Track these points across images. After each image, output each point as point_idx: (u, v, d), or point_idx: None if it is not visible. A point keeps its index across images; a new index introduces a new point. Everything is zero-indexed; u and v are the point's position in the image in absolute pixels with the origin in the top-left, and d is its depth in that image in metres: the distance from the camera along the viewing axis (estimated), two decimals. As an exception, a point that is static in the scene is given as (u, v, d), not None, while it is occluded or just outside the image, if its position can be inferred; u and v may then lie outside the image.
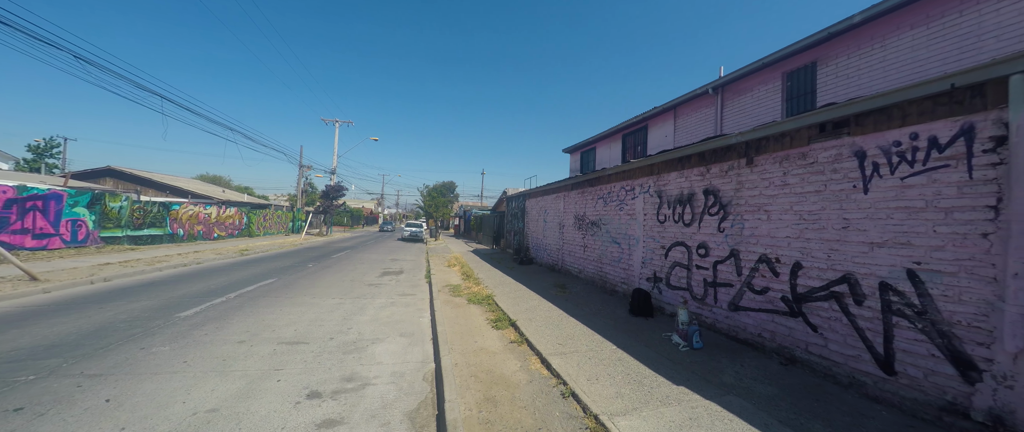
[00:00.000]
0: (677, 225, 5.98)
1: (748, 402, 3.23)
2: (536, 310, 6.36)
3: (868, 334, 3.40)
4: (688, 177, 5.79)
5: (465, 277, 10.04)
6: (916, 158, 3.16)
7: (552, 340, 4.78)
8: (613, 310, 6.36)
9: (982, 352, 2.73)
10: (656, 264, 6.44)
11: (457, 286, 8.75)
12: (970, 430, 2.74)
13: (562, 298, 7.33)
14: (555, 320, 5.69)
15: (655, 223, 6.54)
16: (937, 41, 5.76)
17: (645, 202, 6.87)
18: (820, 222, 3.86)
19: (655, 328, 5.32)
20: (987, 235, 2.74)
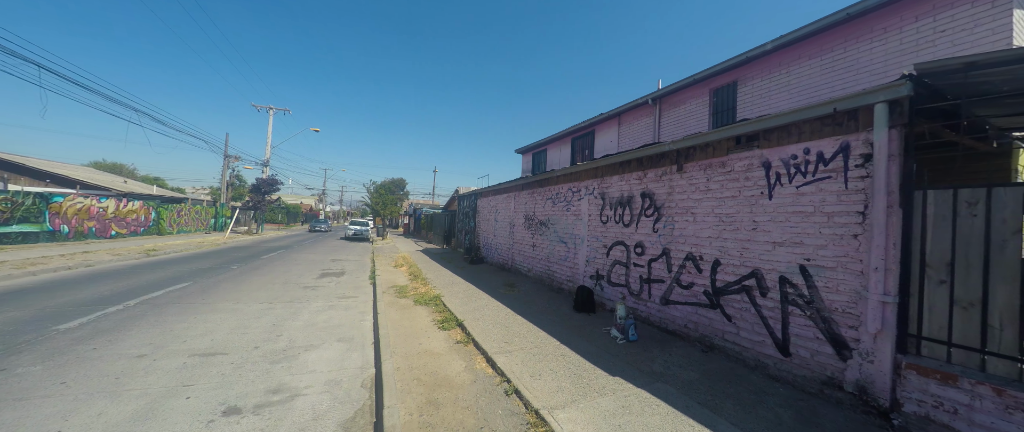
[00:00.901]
0: (618, 225, 6.35)
1: (673, 387, 3.54)
2: (484, 309, 6.36)
3: (770, 322, 3.90)
4: (628, 181, 6.18)
5: (413, 277, 9.74)
6: (808, 170, 3.69)
7: (498, 339, 4.81)
8: (558, 307, 6.58)
9: (852, 333, 3.27)
10: (599, 262, 6.78)
11: (404, 287, 8.46)
12: (844, 400, 3.27)
13: (511, 297, 7.41)
14: (502, 319, 5.74)
15: (598, 223, 6.89)
16: (828, 71, 6.79)
17: (590, 203, 7.20)
18: (735, 224, 4.35)
19: (596, 323, 5.61)
20: (857, 236, 3.29)
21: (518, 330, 5.20)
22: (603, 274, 6.65)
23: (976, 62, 2.68)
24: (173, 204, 22.50)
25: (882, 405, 3.03)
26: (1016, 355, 2.55)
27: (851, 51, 6.48)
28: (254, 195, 25.45)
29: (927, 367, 2.83)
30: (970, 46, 5.07)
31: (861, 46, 6.34)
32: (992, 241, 2.67)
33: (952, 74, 2.87)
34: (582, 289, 6.40)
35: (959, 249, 2.81)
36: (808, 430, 2.91)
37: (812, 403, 3.33)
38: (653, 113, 10.79)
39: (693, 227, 4.89)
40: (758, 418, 3.06)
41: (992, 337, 2.65)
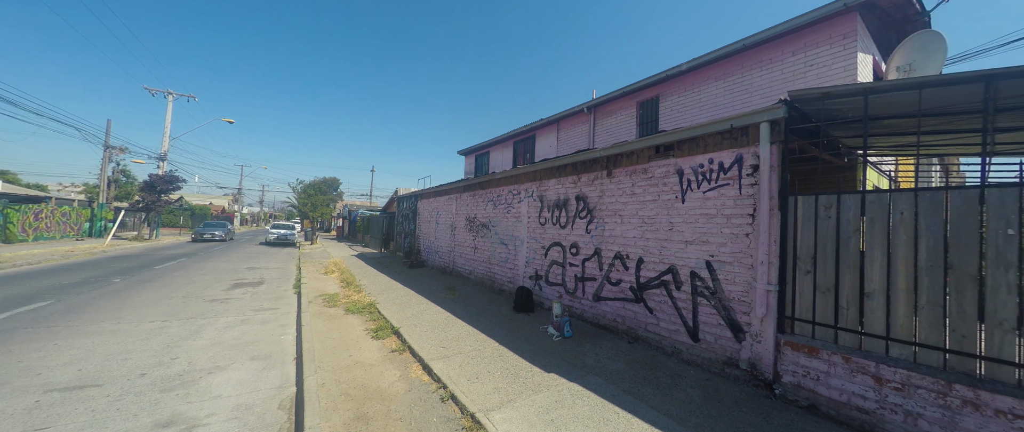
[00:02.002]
0: (555, 227, 6.62)
1: (602, 378, 3.78)
2: (422, 315, 6.17)
3: (683, 312, 4.38)
4: (564, 184, 6.48)
5: (345, 284, 9.09)
6: (712, 177, 4.22)
7: (436, 344, 4.70)
8: (499, 308, 6.63)
9: (745, 318, 3.81)
10: (537, 263, 7.00)
11: (334, 295, 7.85)
12: (740, 377, 3.79)
13: (451, 300, 7.29)
14: (441, 323, 5.62)
15: (537, 225, 7.10)
16: (730, 92, 7.85)
17: (529, 206, 7.40)
18: (655, 224, 4.80)
19: (534, 322, 5.77)
20: (748, 235, 3.84)
21: (457, 334, 5.13)
22: (542, 274, 6.87)
23: (830, 93, 3.31)
24: (29, 205, 18.13)
25: (767, 378, 3.57)
26: (857, 329, 3.19)
27: (747, 76, 7.58)
28: (146, 194, 21.52)
29: (797, 343, 3.40)
30: (829, 79, 6.25)
31: (754, 72, 7.44)
32: (841, 237, 3.32)
33: (814, 101, 3.51)
34: (521, 290, 6.54)
35: (819, 244, 3.44)
36: (712, 406, 3.31)
37: (716, 382, 3.80)
38: (588, 121, 11.46)
39: (621, 228, 5.29)
40: (673, 399, 3.40)
41: (842, 315, 3.28)
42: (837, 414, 3.11)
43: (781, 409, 3.27)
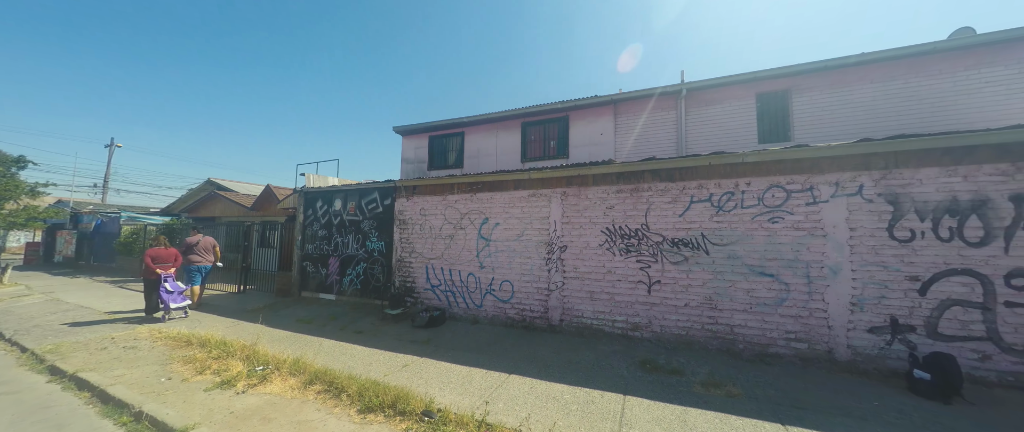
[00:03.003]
0: (945, 244, 4.12)
1: None
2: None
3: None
4: (970, 175, 4.12)
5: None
6: None
7: None
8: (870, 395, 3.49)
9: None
10: (897, 303, 4.25)
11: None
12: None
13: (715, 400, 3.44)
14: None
15: (888, 241, 4.36)
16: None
17: (852, 208, 4.54)
18: None
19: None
20: None
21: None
22: (908, 322, 4.18)
23: None
24: None
25: None
26: None
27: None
28: None
29: None
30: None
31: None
32: None
33: None
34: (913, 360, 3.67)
35: None
36: None
37: None
38: (677, 107, 9.28)
39: None
40: None
41: None
42: None
43: None
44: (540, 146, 11.05)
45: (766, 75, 8.38)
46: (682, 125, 9.18)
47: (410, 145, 13.23)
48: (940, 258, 4.18)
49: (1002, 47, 6.91)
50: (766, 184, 5.00)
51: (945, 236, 4.18)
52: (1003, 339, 3.91)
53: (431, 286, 7.43)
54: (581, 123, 10.49)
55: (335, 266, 8.90)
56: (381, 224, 8.38)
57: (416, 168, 13.06)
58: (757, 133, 8.60)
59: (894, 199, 4.41)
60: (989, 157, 4.10)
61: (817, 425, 3.18)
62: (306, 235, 9.56)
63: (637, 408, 3.50)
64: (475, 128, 12.05)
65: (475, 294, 6.93)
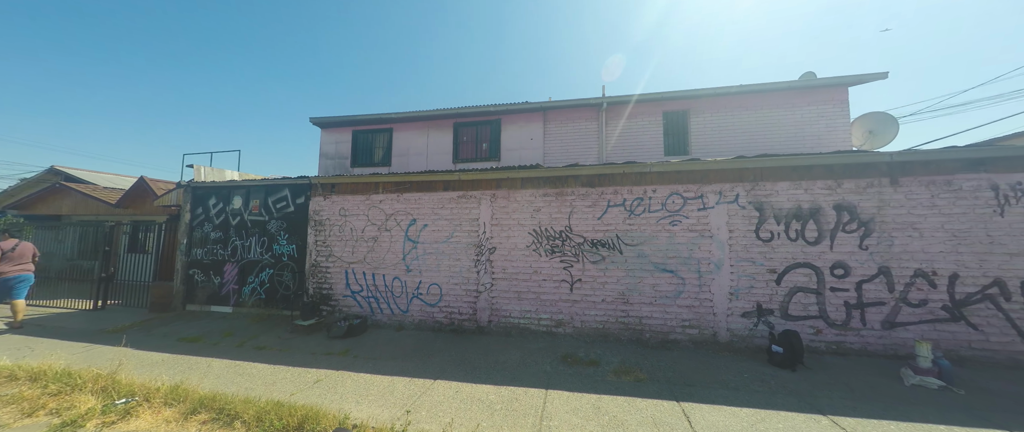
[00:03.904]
0: (796, 243, 5.17)
1: None
2: None
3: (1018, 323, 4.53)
4: (808, 189, 5.22)
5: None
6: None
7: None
8: (728, 367, 4.32)
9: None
10: (760, 292, 5.19)
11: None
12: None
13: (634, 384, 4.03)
14: None
15: (754, 241, 5.30)
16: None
17: (732, 214, 5.42)
18: (969, 238, 4.74)
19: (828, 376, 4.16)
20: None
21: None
22: (771, 307, 5.15)
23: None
24: None
25: None
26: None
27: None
28: None
29: None
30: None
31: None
32: None
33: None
34: (788, 334, 4.61)
35: None
36: None
37: None
38: (598, 119, 10.01)
39: (921, 241, 4.85)
40: None
41: None
42: None
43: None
44: (472, 147, 11.03)
45: (670, 96, 9.58)
46: (603, 135, 9.99)
47: (330, 139, 12.13)
48: (789, 254, 5.22)
49: (828, 90, 8.96)
50: (668, 192, 5.71)
51: (793, 236, 5.24)
52: (829, 316, 5.04)
53: (351, 293, 6.89)
54: (513, 127, 10.75)
55: (233, 273, 7.73)
56: (292, 225, 7.52)
57: (337, 164, 12.02)
58: (663, 146, 9.78)
59: (760, 206, 5.39)
60: (821, 174, 5.26)
61: (702, 398, 3.72)
62: (195, 238, 8.13)
63: (557, 401, 3.70)
64: (405, 125, 11.55)
65: (401, 299, 6.62)
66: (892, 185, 5.02)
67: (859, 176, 5.12)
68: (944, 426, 3.17)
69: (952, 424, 3.19)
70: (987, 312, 4.62)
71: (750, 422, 3.26)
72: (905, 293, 4.85)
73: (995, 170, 4.76)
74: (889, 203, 5.00)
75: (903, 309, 4.84)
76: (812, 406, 3.53)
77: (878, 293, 4.92)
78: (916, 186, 4.95)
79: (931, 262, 4.82)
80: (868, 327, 4.91)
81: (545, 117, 10.65)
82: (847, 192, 5.13)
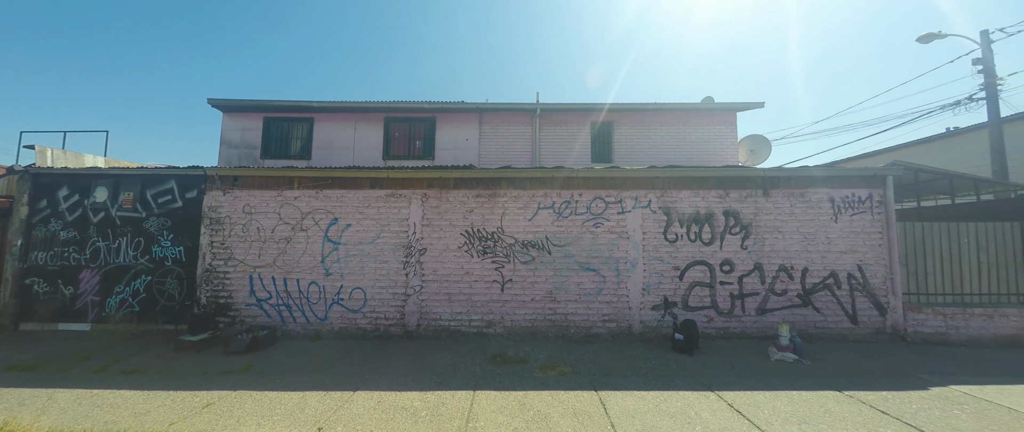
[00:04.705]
0: (694, 244, 5.94)
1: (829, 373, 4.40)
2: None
3: (845, 306, 5.80)
4: (705, 197, 6.04)
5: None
6: (855, 205, 6.01)
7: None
8: (642, 354, 4.94)
9: (885, 300, 5.83)
10: (668, 287, 5.85)
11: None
12: (885, 338, 5.71)
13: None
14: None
15: (663, 242, 5.95)
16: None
17: (645, 218, 6.01)
18: (814, 239, 5.94)
19: (713, 356, 4.99)
20: (881, 245, 5.93)
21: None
22: (676, 299, 5.84)
23: (921, 169, 6.04)
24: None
25: (901, 333, 5.73)
26: (931, 292, 6.00)
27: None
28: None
29: (912, 306, 5.81)
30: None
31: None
32: (924, 245, 6.09)
33: (911, 171, 6.18)
34: (687, 323, 5.30)
35: (909, 249, 6.08)
36: (876, 353, 4.94)
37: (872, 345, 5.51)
38: (532, 124, 10.31)
39: (783, 242, 5.94)
40: (869, 355, 4.70)
41: (925, 286, 6.02)
42: (926, 339, 5.69)
43: (909, 343, 5.45)
44: (405, 144, 10.56)
45: (596, 108, 10.34)
46: (537, 139, 10.36)
47: (235, 125, 10.57)
48: (690, 253, 5.99)
49: (722, 113, 10.54)
50: (593, 196, 6.14)
51: (693, 238, 6.02)
52: (719, 306, 5.89)
53: (257, 301, 6.08)
54: (449, 126, 10.56)
55: (92, 282, 6.28)
56: (180, 224, 6.38)
57: (243, 155, 10.54)
58: (591, 154, 10.49)
59: (667, 211, 6.09)
60: (714, 185, 6.14)
61: (617, 385, 4.06)
62: (36, 238, 6.42)
63: (485, 401, 3.71)
64: (330, 116, 10.59)
65: (318, 306, 6.04)
66: (765, 196, 6.07)
67: (742, 187, 6.10)
68: (795, 391, 3.91)
69: (801, 389, 3.96)
70: (826, 298, 5.84)
71: (655, 403, 3.65)
72: (772, 284, 5.90)
73: (832, 186, 6.05)
74: (763, 210, 6.04)
75: (771, 298, 5.88)
76: (703, 384, 4.09)
77: (754, 285, 5.91)
78: (781, 197, 6.07)
79: (790, 259, 5.94)
80: (746, 314, 5.85)
81: (481, 119, 10.67)
82: (733, 201, 6.07)
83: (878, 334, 5.74)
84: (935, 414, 3.43)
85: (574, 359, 4.94)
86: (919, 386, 4.06)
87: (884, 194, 5.98)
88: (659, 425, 3.25)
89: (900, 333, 5.69)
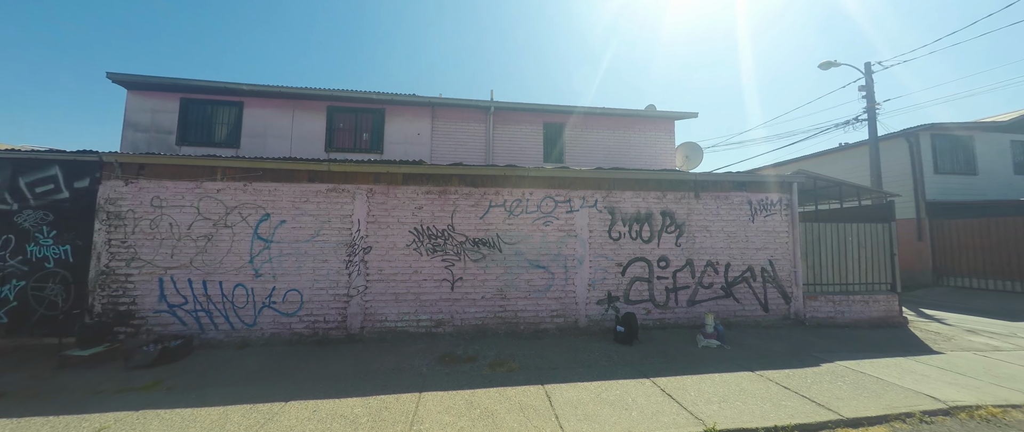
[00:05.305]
0: (636, 242, 6.34)
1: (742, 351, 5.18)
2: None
3: (759, 295, 6.58)
4: (646, 198, 6.47)
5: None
6: (769, 207, 6.82)
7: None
8: (587, 348, 5.25)
9: (791, 290, 6.70)
10: (611, 282, 6.18)
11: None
12: (790, 323, 6.58)
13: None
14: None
15: (608, 240, 6.27)
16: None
17: (592, 217, 6.27)
18: (735, 237, 6.65)
19: (649, 347, 5.47)
20: (787, 242, 6.80)
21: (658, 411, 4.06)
22: (619, 294, 6.20)
23: (807, 173, 7.00)
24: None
25: (802, 318, 6.65)
26: (822, 282, 7.01)
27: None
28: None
29: (809, 295, 6.76)
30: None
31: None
32: (818, 242, 7.08)
33: (810, 179, 7.12)
34: (628, 316, 5.67)
35: (808, 247, 7.04)
36: (784, 334, 5.83)
37: (780, 328, 6.37)
38: (486, 121, 10.22)
39: (710, 240, 6.56)
40: (778, 338, 5.56)
41: (818, 277, 7.00)
42: (820, 323, 6.67)
43: (807, 327, 6.39)
44: (351, 136, 9.95)
45: (549, 109, 10.60)
46: (490, 137, 10.35)
47: (144, 106, 9.17)
48: (631, 250, 6.39)
49: (663, 121, 11.38)
50: (543, 195, 6.28)
51: (634, 236, 6.43)
52: (656, 299, 6.36)
53: (170, 307, 5.36)
54: (400, 119, 10.14)
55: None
56: (65, 218, 5.41)
57: (154, 140, 9.20)
58: (543, 154, 10.73)
59: (612, 211, 6.43)
60: (654, 187, 6.60)
61: (563, 378, 4.21)
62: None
63: (431, 402, 3.63)
64: (263, 101, 9.62)
65: (246, 310, 5.48)
66: (696, 198, 6.66)
67: (677, 190, 6.63)
68: (717, 374, 4.36)
69: (722, 372, 4.42)
70: (744, 289, 6.57)
71: (596, 392, 3.85)
72: (701, 278, 6.50)
73: (751, 191, 6.81)
74: (694, 211, 6.62)
75: (699, 290, 6.48)
76: (640, 372, 4.39)
77: (685, 279, 6.46)
78: (709, 199, 6.70)
79: (716, 254, 6.59)
80: (679, 305, 6.39)
81: (434, 113, 10.41)
82: (669, 202, 6.58)
83: (784, 320, 6.59)
84: (824, 386, 4.03)
85: (523, 355, 5.02)
86: (813, 363, 4.73)
87: (791, 199, 6.88)
88: (599, 413, 3.43)
89: (801, 318, 6.59)
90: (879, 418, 3.39)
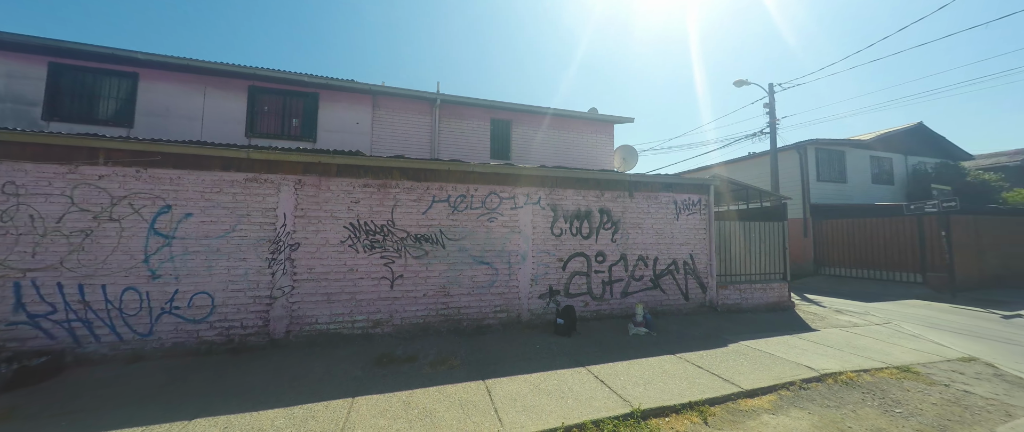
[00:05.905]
0: (576, 238, 6.62)
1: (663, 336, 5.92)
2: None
3: (681, 286, 7.30)
4: (584, 196, 6.77)
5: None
6: (691, 207, 7.57)
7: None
8: (530, 340, 5.46)
9: (708, 281, 7.53)
10: (553, 277, 6.39)
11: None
12: (706, 309, 7.42)
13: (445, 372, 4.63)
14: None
15: (550, 237, 6.47)
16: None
17: (535, 214, 6.41)
18: (664, 233, 7.28)
19: (586, 337, 5.87)
20: (704, 239, 7.63)
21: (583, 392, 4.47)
22: (560, 288, 6.44)
23: (715, 176, 7.93)
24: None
25: (715, 305, 7.52)
26: (730, 273, 7.98)
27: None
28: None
29: (721, 284, 7.67)
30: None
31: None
32: (727, 238, 8.01)
33: (722, 182, 8.01)
34: (568, 309, 5.93)
35: (721, 243, 7.95)
36: (700, 319, 6.70)
37: (696, 314, 7.19)
38: (432, 114, 9.85)
39: (641, 236, 7.11)
40: (695, 323, 6.39)
41: (728, 268, 7.95)
42: (730, 309, 7.63)
43: (719, 313, 7.30)
44: (277, 121, 8.98)
45: (497, 106, 10.61)
46: (436, 130, 10.06)
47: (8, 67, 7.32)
48: (571, 246, 6.67)
49: (603, 124, 12.04)
50: (487, 191, 6.28)
51: (574, 232, 6.72)
52: (593, 292, 6.73)
53: (30, 317, 4.38)
54: (337, 106, 9.38)
55: None
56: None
57: (9, 112, 7.42)
58: (490, 150, 10.72)
59: (554, 208, 6.65)
60: (593, 186, 6.96)
61: (504, 372, 4.26)
62: None
63: (364, 407, 3.45)
64: (165, 74, 8.24)
65: (139, 318, 4.68)
66: (630, 197, 7.16)
67: (614, 189, 7.07)
68: (644, 359, 4.75)
69: (648, 357, 4.82)
70: (669, 281, 7.24)
71: (535, 383, 3.96)
72: (633, 271, 7.02)
73: (676, 191, 7.51)
74: (628, 209, 7.12)
75: (631, 282, 6.99)
76: (577, 361, 4.62)
77: (620, 273, 6.93)
78: (641, 199, 7.25)
79: (646, 249, 7.16)
80: (614, 297, 6.84)
81: (375, 102, 9.82)
82: (607, 200, 6.99)
83: (701, 307, 7.40)
84: (730, 364, 4.60)
85: (465, 352, 4.99)
86: (722, 344, 5.38)
87: (708, 199, 7.72)
88: (537, 403, 3.53)
89: (714, 305, 7.45)
90: (770, 388, 3.97)
